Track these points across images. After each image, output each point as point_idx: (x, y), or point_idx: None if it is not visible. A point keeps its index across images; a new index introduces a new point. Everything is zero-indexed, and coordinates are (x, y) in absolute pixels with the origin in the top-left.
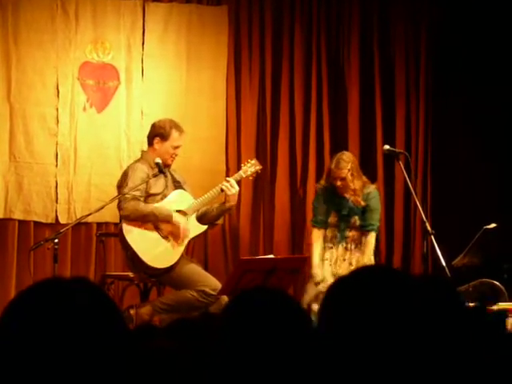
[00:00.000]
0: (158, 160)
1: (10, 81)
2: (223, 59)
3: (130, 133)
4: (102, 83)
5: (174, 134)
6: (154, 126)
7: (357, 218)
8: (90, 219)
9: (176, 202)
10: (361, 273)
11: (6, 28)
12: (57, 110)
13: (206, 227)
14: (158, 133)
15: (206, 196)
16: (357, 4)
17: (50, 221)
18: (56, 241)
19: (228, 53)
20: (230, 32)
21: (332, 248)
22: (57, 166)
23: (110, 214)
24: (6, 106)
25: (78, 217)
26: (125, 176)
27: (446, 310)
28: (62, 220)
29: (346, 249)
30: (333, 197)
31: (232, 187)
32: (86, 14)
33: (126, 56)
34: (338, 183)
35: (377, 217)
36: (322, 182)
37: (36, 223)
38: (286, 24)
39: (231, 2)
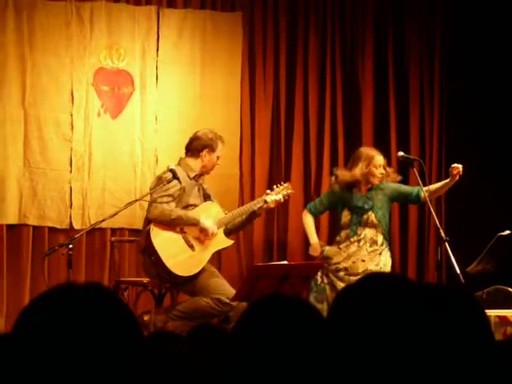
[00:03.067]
0: (172, 166)
1: (25, 86)
2: (237, 65)
3: (144, 139)
4: (116, 89)
5: (220, 145)
6: (198, 137)
7: (370, 214)
8: (104, 225)
9: (206, 213)
10: (367, 281)
11: (21, 34)
12: (71, 115)
13: (232, 242)
14: (207, 144)
15: (237, 211)
16: (371, 10)
17: (64, 226)
18: (70, 246)
19: (242, 59)
20: (245, 38)
21: (342, 250)
22: (71, 171)
23: (125, 220)
24: (20, 112)
25: (92, 222)
26: (160, 179)
27: (462, 319)
28: (76, 226)
29: (359, 247)
30: (348, 194)
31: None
32: (101, 20)
33: (140, 62)
34: (382, 171)
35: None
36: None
37: (50, 229)
38: (301, 30)
39: (245, 8)
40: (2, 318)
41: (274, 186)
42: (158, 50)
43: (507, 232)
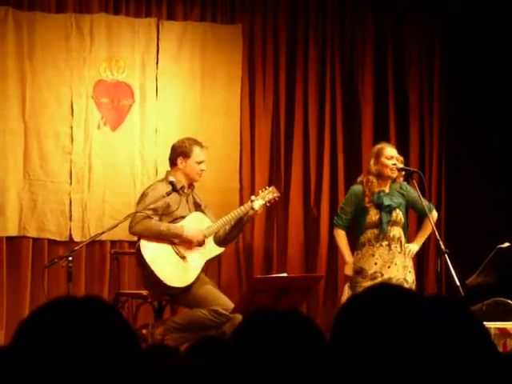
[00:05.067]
0: (172, 179)
1: (25, 99)
2: (237, 77)
3: (144, 151)
4: (116, 101)
5: (196, 149)
6: (173, 147)
7: (398, 212)
8: (103, 237)
9: (193, 224)
10: (373, 292)
11: (21, 47)
12: (71, 128)
13: (223, 249)
14: (179, 152)
15: (225, 218)
16: (371, 22)
17: (63, 239)
18: (70, 259)
19: (242, 71)
20: (244, 50)
21: (374, 254)
22: (71, 184)
23: (124, 232)
24: (20, 125)
25: (91, 235)
26: (143, 195)
27: (459, 332)
28: (76, 238)
29: (390, 249)
30: (371, 193)
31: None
32: (101, 32)
33: (140, 74)
34: (395, 161)
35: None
36: (360, 183)
37: (50, 241)
38: (300, 42)
39: (245, 21)
40: (2, 331)
41: (260, 191)
42: (157, 62)
43: (507, 244)
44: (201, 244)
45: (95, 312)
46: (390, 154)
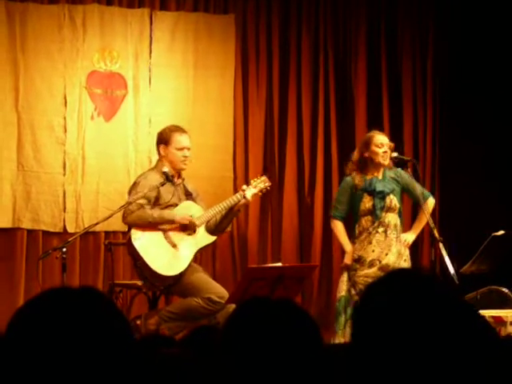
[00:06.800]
0: (165, 169)
1: (18, 90)
2: (230, 67)
3: (137, 141)
4: (109, 92)
5: (175, 135)
6: (157, 136)
7: (392, 197)
8: (97, 228)
9: (185, 212)
10: (392, 278)
11: (13, 37)
12: (64, 119)
13: (214, 238)
14: (160, 140)
15: (216, 207)
16: (364, 12)
17: (58, 230)
18: (64, 250)
19: (235, 61)
20: (237, 40)
21: (371, 242)
22: (65, 174)
23: (118, 223)
24: (13, 116)
25: (85, 226)
26: (135, 184)
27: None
28: (70, 229)
29: (386, 235)
30: (364, 180)
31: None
32: (94, 23)
33: (133, 65)
34: (386, 149)
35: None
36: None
37: (44, 232)
38: (293, 32)
39: (238, 10)
40: None
41: (252, 181)
42: (151, 52)
43: (501, 232)
44: (191, 233)
45: (90, 302)
46: (380, 141)
